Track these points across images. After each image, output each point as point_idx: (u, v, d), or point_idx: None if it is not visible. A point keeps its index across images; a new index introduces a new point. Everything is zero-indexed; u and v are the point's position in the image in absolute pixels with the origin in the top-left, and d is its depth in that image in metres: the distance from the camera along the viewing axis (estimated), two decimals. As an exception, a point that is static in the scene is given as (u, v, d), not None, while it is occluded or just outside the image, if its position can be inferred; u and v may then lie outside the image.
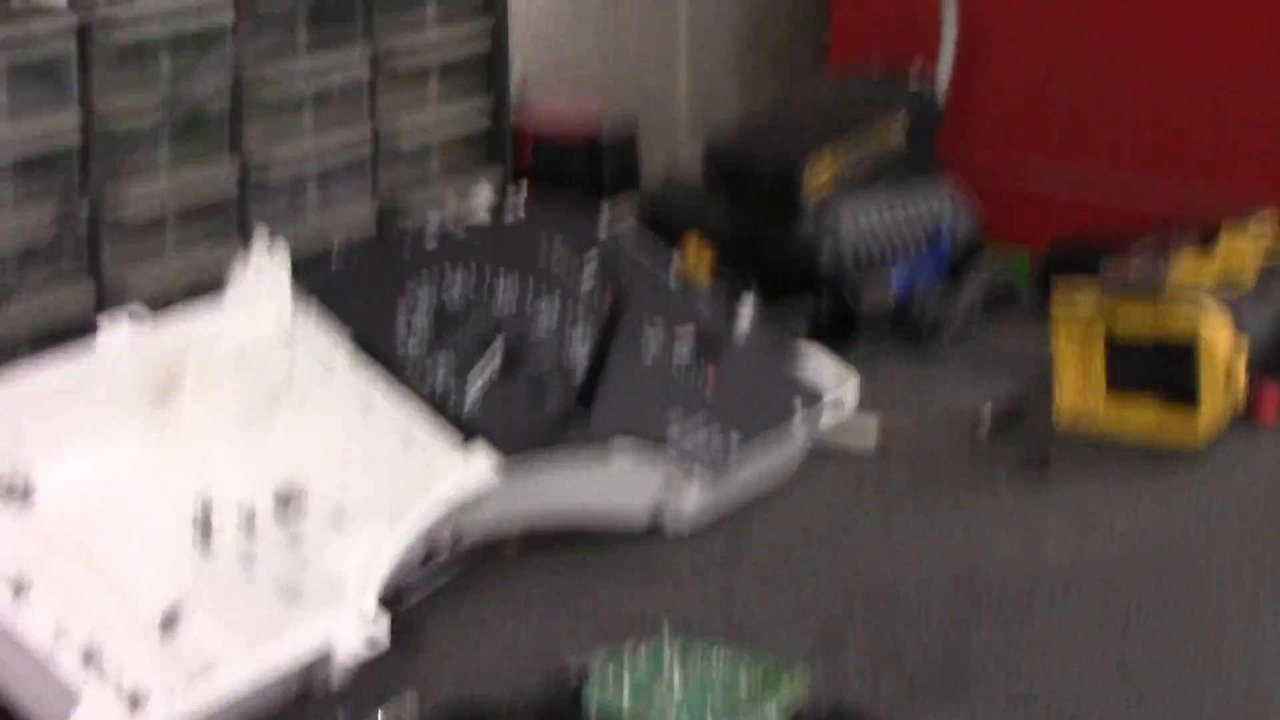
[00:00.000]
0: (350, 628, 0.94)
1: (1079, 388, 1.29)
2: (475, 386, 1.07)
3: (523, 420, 1.07)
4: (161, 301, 1.23)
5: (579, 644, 1.00)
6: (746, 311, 1.22)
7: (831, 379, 1.22)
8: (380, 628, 0.94)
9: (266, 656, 0.91)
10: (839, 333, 1.39)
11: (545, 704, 0.91)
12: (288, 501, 1.01)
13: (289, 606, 0.94)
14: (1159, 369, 1.26)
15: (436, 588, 1.05)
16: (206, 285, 1.19)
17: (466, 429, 1.05)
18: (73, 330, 1.19)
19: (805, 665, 0.88)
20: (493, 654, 1.00)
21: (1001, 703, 0.95)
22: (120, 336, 1.01)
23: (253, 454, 1.03)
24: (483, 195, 1.22)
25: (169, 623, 0.94)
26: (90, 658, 0.89)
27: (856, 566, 1.09)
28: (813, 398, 1.19)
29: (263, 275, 1.06)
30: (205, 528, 0.98)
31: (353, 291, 1.09)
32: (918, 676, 0.98)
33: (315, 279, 1.09)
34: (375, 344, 1.07)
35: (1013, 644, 1.01)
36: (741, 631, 1.02)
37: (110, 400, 1.01)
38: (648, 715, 0.85)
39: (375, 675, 0.97)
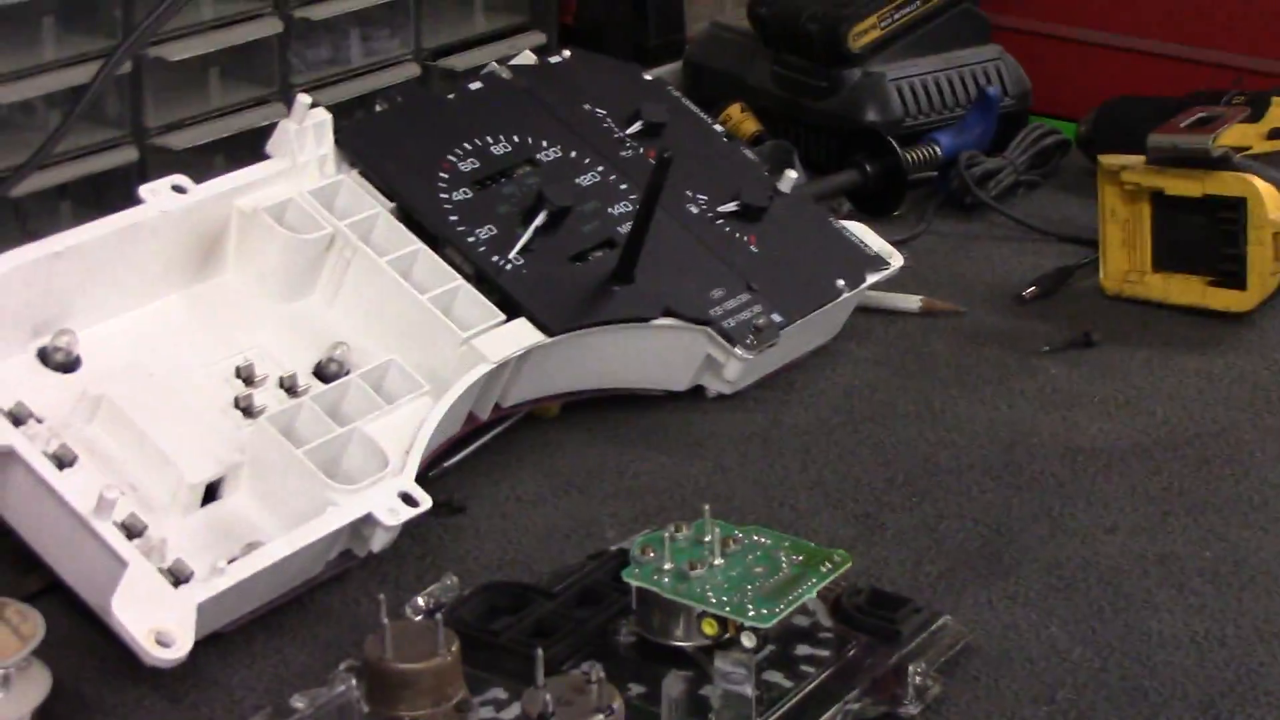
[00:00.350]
0: (391, 499, 0.94)
1: (1125, 255, 1.28)
2: (517, 259, 1.07)
3: (565, 294, 1.06)
4: (203, 158, 1.23)
5: (619, 522, 1.00)
6: (790, 177, 1.21)
7: (876, 249, 1.21)
8: (421, 498, 0.94)
9: (308, 529, 0.92)
10: (883, 198, 1.38)
11: (585, 586, 0.91)
12: (328, 370, 1.01)
13: (330, 479, 0.94)
14: (1206, 236, 1.25)
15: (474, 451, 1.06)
16: (248, 142, 1.19)
17: (508, 302, 1.04)
18: (114, 188, 1.19)
19: (845, 551, 0.88)
20: (532, 533, 1.01)
21: (1041, 586, 0.95)
22: (162, 204, 1.00)
23: (294, 321, 1.03)
24: (524, 57, 1.21)
25: (212, 495, 0.95)
26: (133, 530, 0.90)
27: (897, 443, 1.09)
28: (856, 273, 1.18)
29: (304, 138, 1.06)
30: (247, 398, 0.98)
31: (395, 157, 1.09)
32: (958, 558, 0.98)
33: (357, 143, 1.08)
34: (416, 211, 1.07)
35: (1054, 525, 1.01)
36: (781, 513, 1.02)
37: (153, 268, 1.01)
38: (687, 598, 0.85)
39: (415, 557, 0.98)
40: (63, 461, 0.90)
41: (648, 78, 1.26)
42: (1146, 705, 0.86)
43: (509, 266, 1.06)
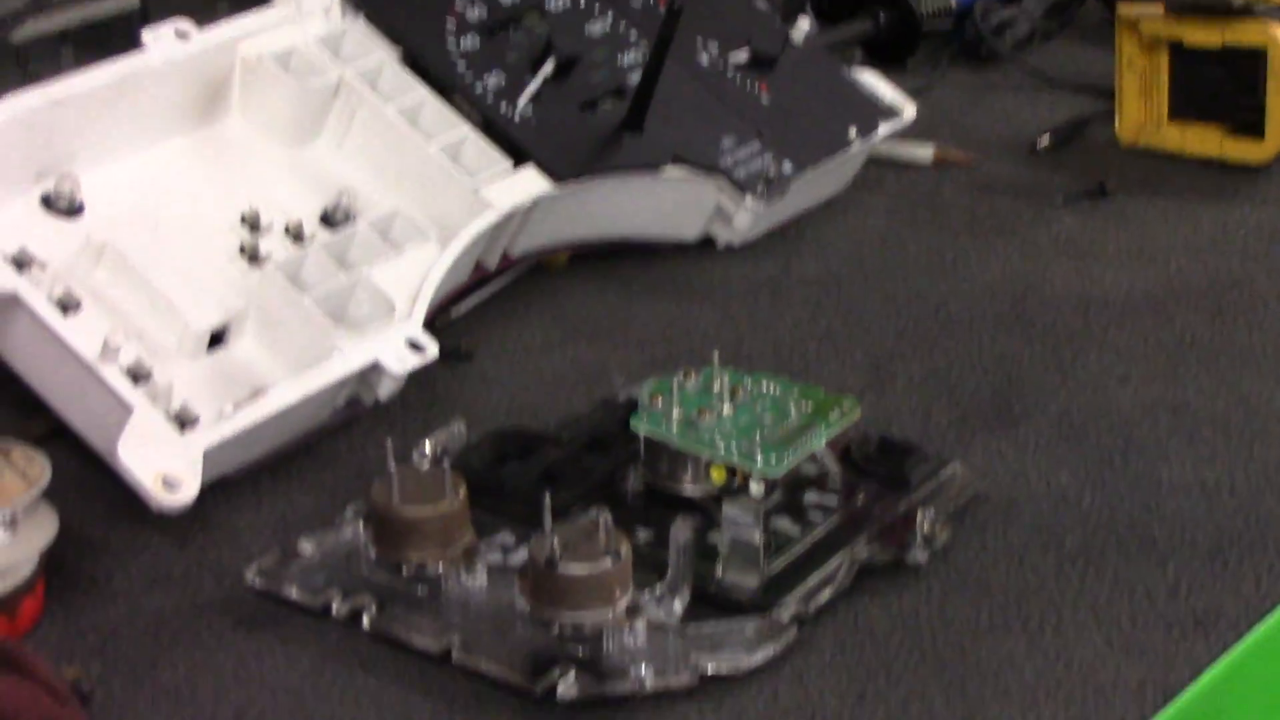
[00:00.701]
0: (398, 346, 0.94)
1: (1141, 106, 1.27)
2: (526, 107, 1.06)
3: (574, 142, 1.06)
4: (207, 3, 1.22)
5: (627, 370, 1.00)
6: (802, 26, 1.20)
7: (888, 98, 1.20)
8: (428, 345, 0.94)
9: (314, 375, 0.91)
10: (896, 47, 1.37)
11: (593, 432, 0.91)
12: (335, 218, 1.01)
13: (337, 325, 0.94)
14: (1225, 86, 1.24)
15: (482, 301, 1.06)
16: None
17: (516, 149, 1.04)
18: (116, 33, 1.18)
19: (855, 397, 0.88)
20: (540, 381, 1.01)
21: (1051, 435, 0.95)
22: (165, 49, 0.99)
23: (300, 168, 1.03)
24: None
25: (217, 341, 0.95)
26: (139, 376, 0.89)
27: (908, 293, 1.09)
28: (869, 122, 1.17)
29: (310, -17, 1.05)
30: (253, 245, 0.98)
31: (402, 3, 1.07)
32: (968, 408, 0.98)
33: (363, -12, 1.07)
34: (424, 59, 1.06)
35: (1065, 375, 1.01)
36: (791, 361, 1.02)
37: (157, 114, 1.00)
38: (696, 445, 0.85)
39: (422, 403, 0.98)
40: (67, 307, 0.90)
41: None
42: (1155, 553, 0.86)
43: (517, 115, 1.05)
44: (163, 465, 0.85)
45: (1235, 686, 0.80)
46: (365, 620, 0.80)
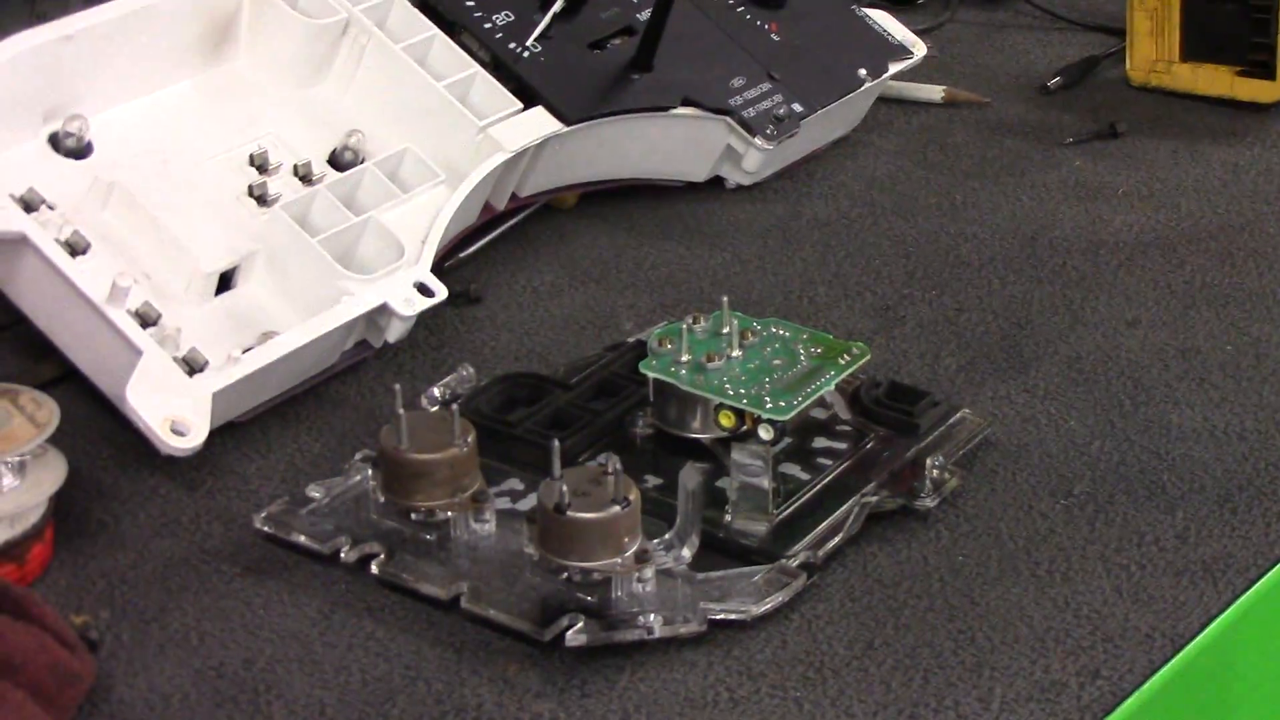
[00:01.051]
0: (406, 289, 0.94)
1: (1152, 45, 1.26)
2: (535, 46, 1.05)
3: (583, 82, 1.05)
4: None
5: (636, 314, 1.00)
6: (813, -36, 1.19)
7: (898, 37, 1.19)
8: (437, 288, 0.94)
9: (323, 319, 0.91)
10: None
11: (602, 378, 0.91)
12: (343, 159, 1.00)
13: (345, 268, 0.93)
14: (1237, 25, 1.23)
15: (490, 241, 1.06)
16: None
17: (525, 90, 1.03)
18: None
19: (864, 342, 0.88)
20: (549, 324, 1.00)
21: (1060, 380, 0.95)
22: (172, -13, 0.99)
23: (308, 109, 1.02)
24: None
25: (225, 284, 0.94)
26: (147, 319, 0.89)
27: (918, 236, 1.08)
28: (879, 62, 1.16)
29: (317, -78, 1.04)
30: (261, 186, 0.97)
31: (410, -60, 1.07)
32: (977, 352, 0.97)
33: (371, -74, 1.06)
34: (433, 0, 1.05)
35: (1074, 318, 1.00)
36: (800, 305, 1.02)
37: (164, 53, 0.99)
38: (705, 390, 0.85)
39: (431, 347, 0.97)
40: (75, 249, 0.90)
41: None
42: (1164, 498, 0.86)
43: (526, 54, 1.05)
44: (171, 409, 0.85)
45: (1245, 634, 0.80)
46: (374, 566, 0.80)
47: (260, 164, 0.98)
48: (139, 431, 0.85)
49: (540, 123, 1.03)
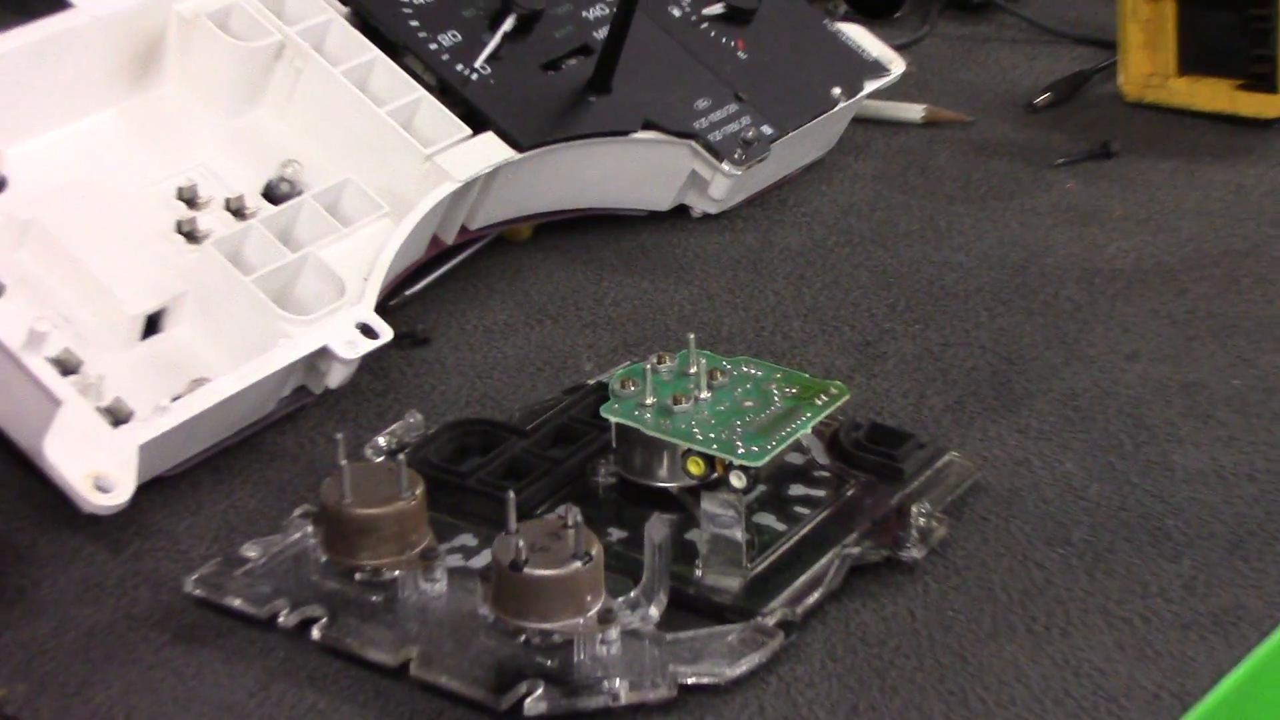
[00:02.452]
0: (348, 330, 0.93)
1: (1147, 58, 1.26)
2: (484, 68, 1.05)
3: (536, 106, 1.05)
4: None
5: (597, 354, 1.00)
6: (782, -25, 1.19)
7: (874, 54, 1.19)
8: (382, 329, 0.93)
9: (259, 364, 0.90)
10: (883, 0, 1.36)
11: (560, 423, 0.90)
12: (279, 191, 1.00)
13: (282, 308, 0.93)
14: (1236, 36, 1.23)
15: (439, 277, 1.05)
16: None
17: (474, 115, 1.03)
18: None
19: (843, 380, 0.87)
20: (503, 366, 1.00)
21: (1055, 419, 0.94)
22: (94, 8, 0.98)
23: (240, 137, 1.02)
24: None
25: (152, 328, 0.94)
26: (68, 366, 0.89)
27: (899, 265, 1.08)
28: (854, 80, 1.16)
29: (249, -63, 1.03)
30: (190, 222, 0.97)
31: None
32: (965, 390, 0.97)
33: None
34: (374, 16, 1.05)
35: (1069, 352, 1.00)
36: (773, 342, 1.01)
37: (85, 78, 0.99)
38: (671, 435, 0.84)
39: (375, 393, 0.97)
40: (-10, 292, 0.89)
41: None
42: (1170, 545, 0.85)
43: (475, 76, 1.05)
44: (94, 464, 0.85)
45: (1259, 691, 0.80)
46: (315, 631, 0.79)
47: (189, 198, 0.98)
48: (59, 488, 0.85)
49: (491, 149, 1.02)
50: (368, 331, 0.93)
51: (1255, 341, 1.00)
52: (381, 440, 0.90)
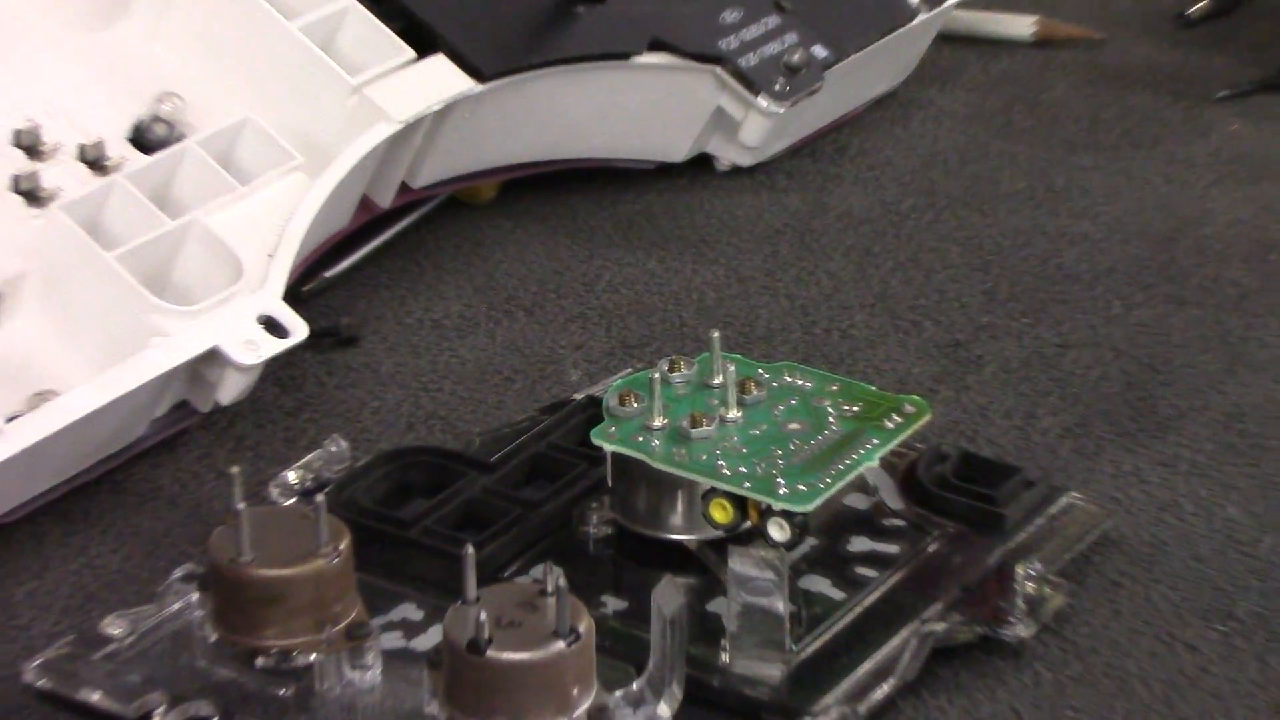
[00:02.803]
0: (247, 325, 0.94)
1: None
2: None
3: (504, 21, 1.06)
4: None
5: (585, 357, 1.00)
6: None
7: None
8: (293, 325, 0.94)
9: (124, 371, 0.91)
10: None
11: (536, 453, 0.91)
12: (152, 136, 1.01)
13: (160, 295, 0.94)
14: None
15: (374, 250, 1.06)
16: None
17: (419, 31, 1.04)
18: None
19: (923, 395, 0.88)
20: (458, 375, 1.01)
21: (1213, 447, 0.95)
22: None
23: (99, 63, 1.03)
24: None
25: (-15, 319, 0.95)
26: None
27: (1000, 238, 1.09)
28: (940, -15, 1.18)
29: None
30: (31, 177, 0.97)
31: None
32: (1089, 407, 0.98)
33: None
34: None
35: (1234, 357, 1.01)
36: (829, 341, 1.02)
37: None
38: (688, 470, 0.85)
39: (284, 411, 0.98)
40: None
41: None
42: (1368, 621, 0.86)
43: (423, -13, 1.06)
44: (-99, 508, 0.85)
45: None
46: (203, 736, 0.80)
47: (29, 144, 0.99)
48: None
49: (442, 79, 1.03)
50: (273, 327, 0.94)
51: None
52: (292, 476, 0.90)
